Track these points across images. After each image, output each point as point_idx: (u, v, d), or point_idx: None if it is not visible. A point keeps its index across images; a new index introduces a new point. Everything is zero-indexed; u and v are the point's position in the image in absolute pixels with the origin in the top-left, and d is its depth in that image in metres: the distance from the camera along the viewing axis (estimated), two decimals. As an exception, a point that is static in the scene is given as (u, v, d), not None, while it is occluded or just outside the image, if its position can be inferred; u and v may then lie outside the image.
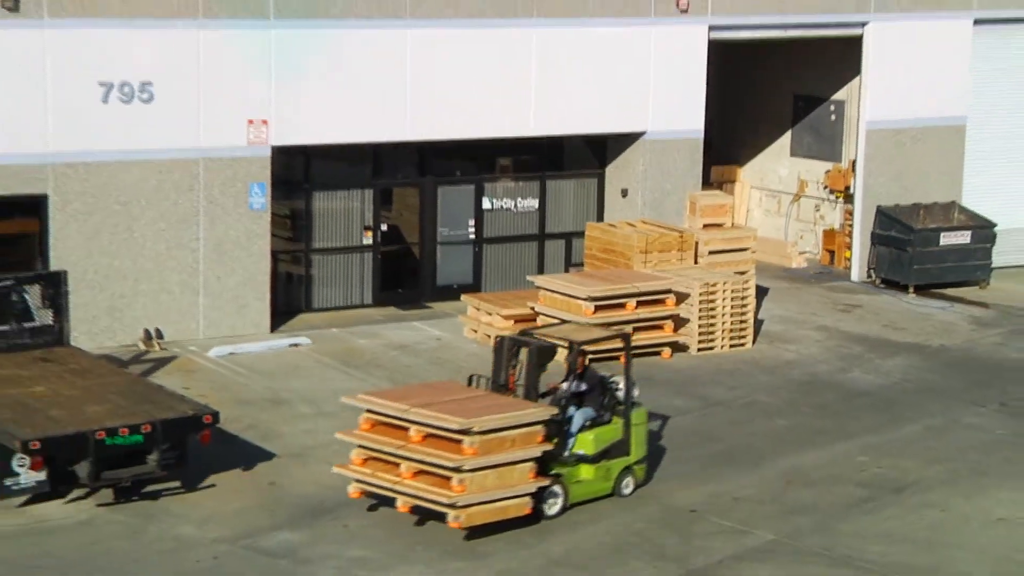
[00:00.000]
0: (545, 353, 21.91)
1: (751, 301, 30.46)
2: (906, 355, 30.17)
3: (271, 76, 29.81)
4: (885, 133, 35.38)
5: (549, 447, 21.27)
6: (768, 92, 37.58)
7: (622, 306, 29.02)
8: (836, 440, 25.29)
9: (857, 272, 35.70)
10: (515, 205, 34.01)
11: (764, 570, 20.18)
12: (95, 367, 24.76)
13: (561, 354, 23.02)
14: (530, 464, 21.08)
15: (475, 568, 20.13)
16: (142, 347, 28.77)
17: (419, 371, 28.37)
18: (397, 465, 20.82)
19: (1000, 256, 35.20)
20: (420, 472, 20.67)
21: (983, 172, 36.07)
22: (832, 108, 36.80)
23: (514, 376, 22.29)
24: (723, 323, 30.06)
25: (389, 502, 21.00)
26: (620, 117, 33.30)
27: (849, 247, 35.93)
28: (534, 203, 34.05)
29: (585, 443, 21.58)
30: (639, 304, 29.19)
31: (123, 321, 28.88)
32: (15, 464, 21.21)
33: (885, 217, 34.77)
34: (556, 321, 26.22)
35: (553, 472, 21.37)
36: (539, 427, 21.18)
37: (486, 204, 33.60)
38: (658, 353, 29.42)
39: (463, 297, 31.41)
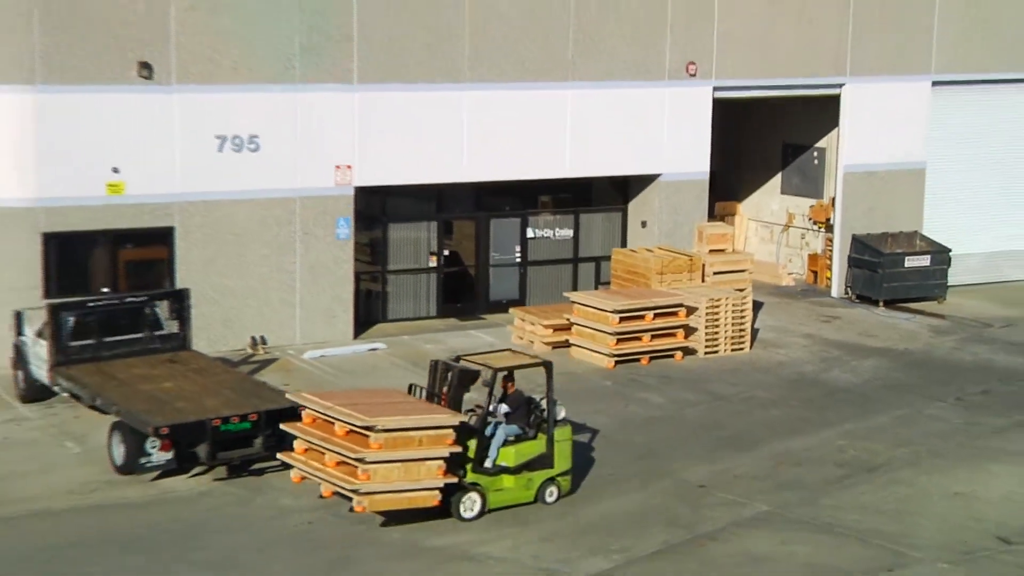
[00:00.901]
0: (467, 376, 20.86)
1: (748, 313, 30.40)
2: (877, 358, 30.12)
3: (354, 129, 29.90)
4: (859, 175, 35.33)
5: (458, 449, 20.20)
6: (762, 141, 37.54)
7: (642, 317, 28.96)
8: (819, 428, 25.26)
9: (836, 289, 35.60)
10: (553, 234, 33.90)
11: (759, 536, 20.19)
12: (212, 367, 24.96)
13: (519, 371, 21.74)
14: (439, 462, 20.13)
15: (523, 532, 20.22)
16: (249, 351, 28.92)
17: (475, 370, 28.41)
18: (323, 455, 20.36)
19: (954, 276, 35.01)
20: (341, 462, 20.05)
21: (940, 207, 35.89)
22: (815, 154, 36.74)
23: (446, 394, 21.36)
24: (725, 331, 29.98)
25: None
26: (640, 162, 33.28)
27: (829, 268, 35.81)
28: (569, 232, 33.96)
29: (507, 456, 20.62)
30: (656, 316, 29.13)
31: (234, 330, 29.02)
32: (148, 446, 21.46)
33: (859, 244, 34.72)
34: (494, 350, 23.77)
35: (471, 481, 20.50)
36: (449, 431, 20.16)
37: (530, 233, 33.54)
38: (672, 356, 29.36)
39: (511, 310, 31.41)
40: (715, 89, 33.66)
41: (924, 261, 34.62)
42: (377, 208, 31.47)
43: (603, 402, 26.54)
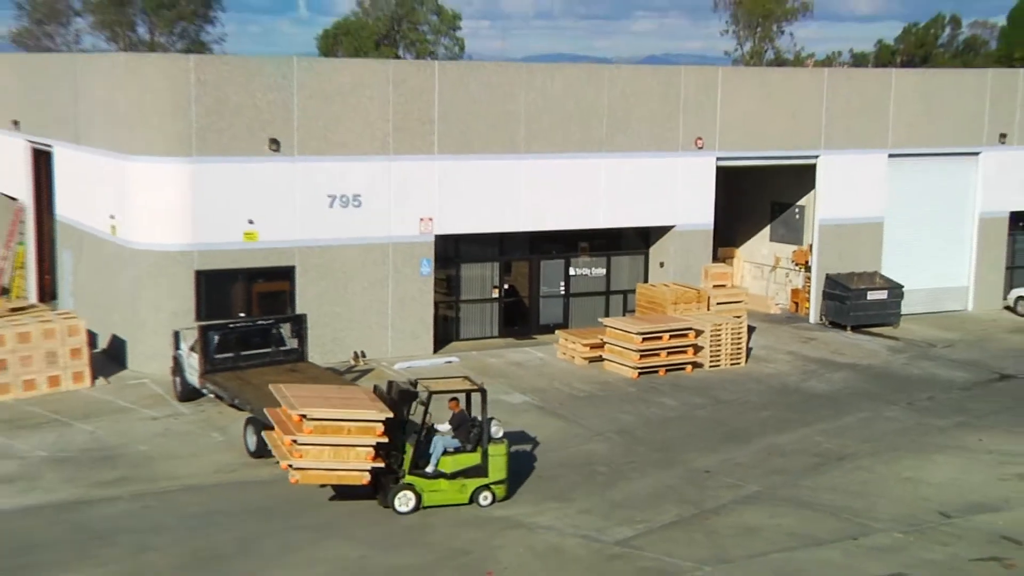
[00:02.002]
0: (406, 395, 20.22)
1: (744, 335, 30.36)
2: (846, 371, 30.01)
3: (435, 190, 30.06)
4: (831, 227, 35.22)
5: (384, 440, 19.67)
6: (754, 199, 37.51)
7: (660, 338, 28.94)
8: (800, 426, 25.26)
9: (813, 316, 35.47)
10: (590, 272, 33.76)
11: (753, 511, 20.33)
12: (323, 375, 25.10)
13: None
14: (368, 449, 19.68)
15: (565, 506, 20.34)
16: (352, 363, 29.04)
17: (527, 379, 28.40)
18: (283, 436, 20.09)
19: (906, 307, 34.82)
20: (292, 442, 19.75)
21: (894, 252, 35.66)
22: (796, 210, 36.62)
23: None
24: (726, 349, 29.92)
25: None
26: (658, 216, 33.25)
27: (808, 300, 35.65)
28: (602, 271, 33.84)
29: (446, 464, 19.91)
30: (671, 336, 29.10)
31: (341, 346, 29.17)
32: (275, 437, 21.82)
33: (831, 281, 34.65)
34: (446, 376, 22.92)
35: (407, 481, 19.87)
36: (378, 424, 19.65)
37: (571, 271, 33.46)
38: (683, 368, 29.32)
39: (557, 332, 31.40)
40: (718, 159, 33.62)
41: (882, 295, 34.55)
42: (452, 251, 31.54)
43: (629, 404, 26.67)
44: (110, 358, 28.84)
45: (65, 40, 72.33)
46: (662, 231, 33.85)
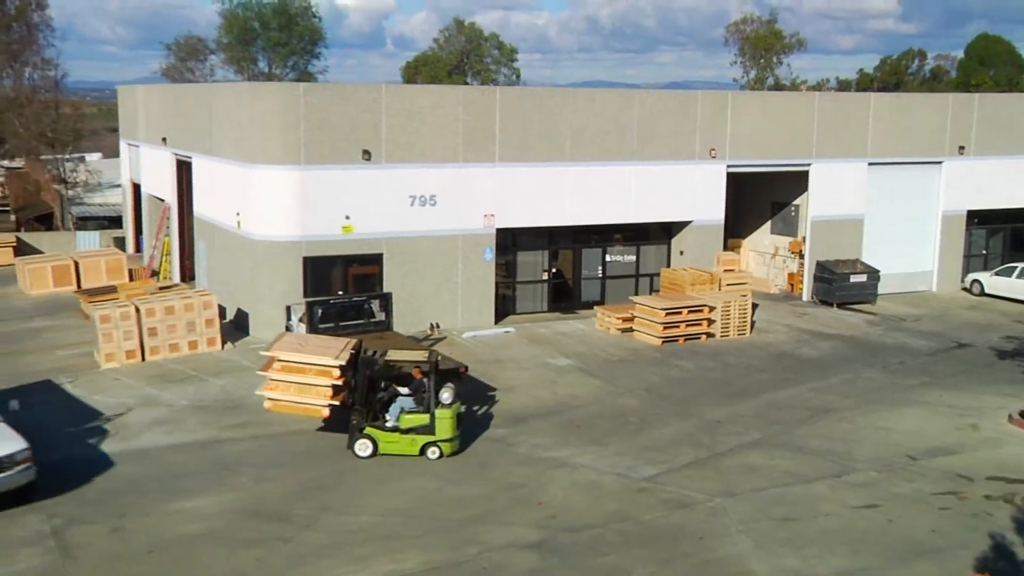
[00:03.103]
0: (367, 363, 19.68)
1: (748, 310, 30.08)
2: (832, 340, 29.60)
3: (497, 191, 29.96)
4: (821, 222, 34.70)
5: (339, 382, 19.59)
6: (757, 199, 37.12)
7: (680, 312, 28.74)
8: (794, 385, 24.98)
9: (806, 296, 35.02)
10: (623, 258, 33.53)
11: (755, 454, 20.17)
12: (405, 342, 24.96)
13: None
14: (328, 388, 19.63)
15: (602, 449, 20.27)
16: (429, 332, 29.01)
17: (571, 346, 28.23)
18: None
19: (882, 288, 34.35)
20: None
21: (872, 243, 35.24)
22: (792, 208, 36.24)
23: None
24: (734, 322, 29.69)
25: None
26: (679, 212, 32.92)
27: (801, 282, 35.33)
28: (632, 257, 33.59)
29: (403, 421, 19.53)
30: (689, 311, 28.91)
31: (419, 318, 29.12)
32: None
33: (821, 266, 34.20)
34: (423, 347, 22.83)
35: (367, 432, 19.53)
36: (335, 368, 19.64)
37: (607, 258, 33.25)
38: (699, 338, 29.02)
39: (595, 307, 31.24)
40: (728, 166, 33.25)
41: (862, 278, 34.03)
42: (510, 241, 31.43)
43: (654, 367, 26.49)
44: (236, 327, 29.08)
45: (202, 73, 72.92)
46: (681, 225, 33.54)
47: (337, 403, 19.93)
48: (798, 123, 34.31)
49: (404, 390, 20.09)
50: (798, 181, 35.11)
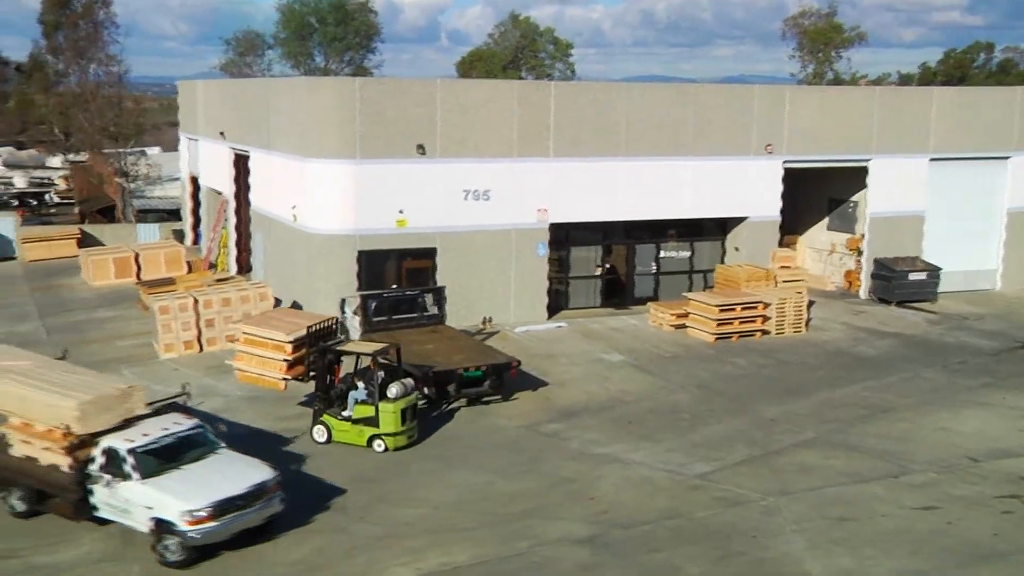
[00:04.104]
0: (323, 350, 20.23)
1: (804, 308, 29.72)
2: (890, 339, 29.15)
3: (550, 185, 29.86)
4: (880, 219, 34.11)
5: (289, 357, 20.48)
6: (814, 195, 36.56)
7: (734, 309, 28.51)
8: (850, 383, 24.65)
9: (863, 294, 34.45)
10: (676, 254, 33.24)
11: (810, 452, 19.96)
12: (458, 336, 25.21)
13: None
14: (281, 362, 20.62)
15: (654, 445, 20.19)
16: (481, 327, 29.02)
17: (624, 342, 28.12)
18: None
19: (942, 286, 33.71)
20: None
21: (933, 240, 34.61)
22: (850, 205, 35.66)
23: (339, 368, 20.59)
24: (789, 319, 29.34)
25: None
26: (734, 208, 32.60)
27: (859, 280, 34.76)
28: (687, 254, 33.29)
29: (355, 411, 19.42)
30: (743, 308, 28.69)
31: (472, 312, 29.13)
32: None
33: (879, 264, 33.65)
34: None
35: (323, 419, 19.84)
36: (288, 344, 20.67)
37: (661, 254, 33.00)
38: (753, 335, 28.76)
39: (649, 304, 31.07)
40: (784, 162, 32.85)
41: (923, 276, 33.43)
42: (563, 236, 31.30)
43: (707, 364, 26.29)
44: (291, 319, 29.32)
45: (260, 68, 73.72)
46: (737, 221, 33.19)
47: (290, 377, 20.75)
48: (857, 118, 33.76)
49: (359, 383, 20.13)
50: (857, 177, 34.54)
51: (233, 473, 15.87)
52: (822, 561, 15.49)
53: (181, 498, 15.11)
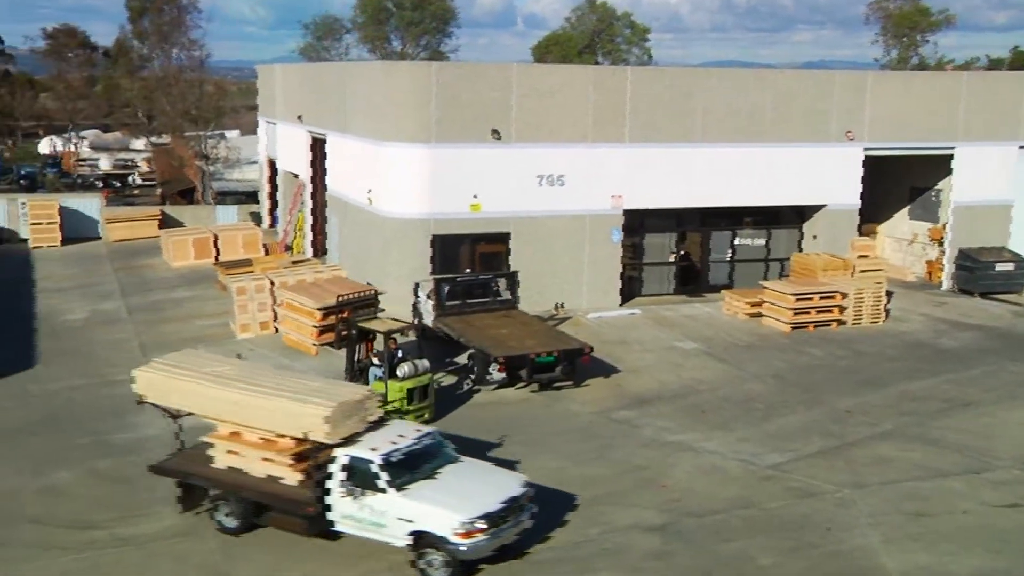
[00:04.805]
0: (348, 323, 21.08)
1: (883, 298, 29.18)
2: (973, 331, 28.44)
3: (625, 171, 29.72)
4: (964, 208, 33.28)
5: (320, 323, 22.75)
6: (895, 184, 35.83)
7: (810, 298, 28.12)
8: (929, 376, 24.17)
9: (946, 284, 33.69)
10: (752, 242, 32.91)
11: (886, 445, 19.67)
12: (531, 321, 25.26)
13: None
14: (312, 328, 22.88)
15: (727, 435, 20.07)
16: (554, 312, 29.01)
17: (697, 330, 27.94)
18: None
19: (1030, 278, 33.03)
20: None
21: (1021, 230, 33.74)
22: (933, 194, 34.91)
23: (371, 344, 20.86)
24: (867, 309, 28.86)
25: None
26: (812, 196, 32.14)
27: (941, 270, 34.04)
28: (763, 241, 32.94)
29: (374, 387, 19.29)
30: (820, 298, 28.27)
31: (545, 298, 29.12)
32: (491, 368, 22.01)
33: (963, 254, 32.85)
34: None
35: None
36: (317, 312, 23.01)
37: (736, 241, 32.69)
38: (830, 325, 28.30)
39: (723, 291, 30.80)
40: (865, 149, 32.25)
41: (1008, 267, 32.54)
42: (637, 222, 31.16)
43: (782, 353, 25.98)
44: (366, 302, 29.68)
45: (337, 52, 74.55)
46: (814, 209, 32.69)
47: (320, 343, 22.39)
48: (943, 104, 32.93)
49: (375, 359, 20.48)
50: (940, 165, 33.72)
51: (490, 482, 15.02)
52: (898, 557, 15.25)
53: (451, 509, 14.07)
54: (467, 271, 28.15)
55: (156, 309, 29.95)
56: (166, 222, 42.75)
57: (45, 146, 76.50)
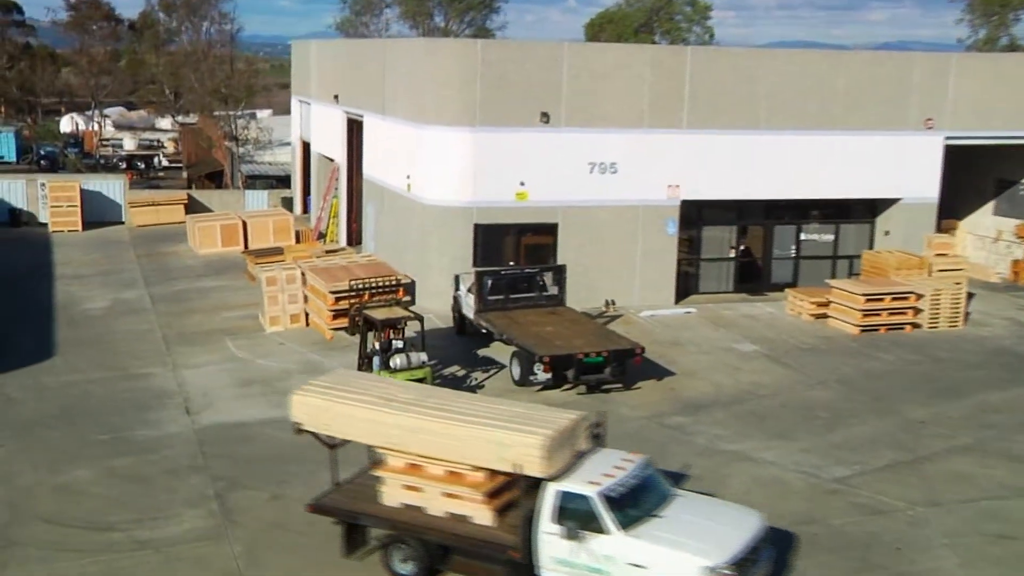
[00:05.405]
0: (358, 309, 21.85)
1: (963, 300, 28.79)
2: (1061, 338, 28.11)
3: (683, 159, 29.64)
4: (1054, 203, 32.99)
5: (332, 307, 24.72)
6: (979, 176, 35.34)
7: (882, 299, 27.85)
8: (1014, 386, 23.79)
9: (1032, 287, 33.43)
10: (819, 238, 32.64)
11: (965, 460, 19.44)
12: (579, 318, 25.22)
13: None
14: (327, 312, 25.08)
15: (788, 444, 19.93)
16: (604, 309, 29.01)
17: (757, 330, 27.78)
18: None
19: None
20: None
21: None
22: (1022, 187, 34.43)
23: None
24: (944, 312, 28.49)
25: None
26: (886, 189, 31.82)
27: (1028, 271, 33.70)
28: (830, 237, 32.63)
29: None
30: (893, 298, 27.98)
31: (594, 294, 29.04)
32: (536, 368, 22.04)
33: (1052, 254, 32.53)
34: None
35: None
36: (330, 296, 25.01)
37: (802, 236, 32.43)
38: (903, 328, 27.98)
39: (786, 290, 30.61)
40: (946, 138, 31.85)
41: (1103, 268, 32.04)
42: (694, 215, 31.04)
43: (850, 358, 25.74)
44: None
45: (377, 28, 74.99)
46: (888, 203, 32.33)
47: (334, 327, 23.95)
48: (1033, 89, 32.42)
49: (378, 347, 21.20)
50: (1028, 156, 33.24)
51: (727, 519, 14.03)
52: (975, 581, 15.05)
53: (694, 552, 12.99)
54: (511, 264, 28.25)
55: (181, 299, 30.33)
56: (192, 207, 43.30)
57: (66, 124, 77.75)
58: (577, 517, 13.36)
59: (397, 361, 20.76)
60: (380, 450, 14.88)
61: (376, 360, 21.03)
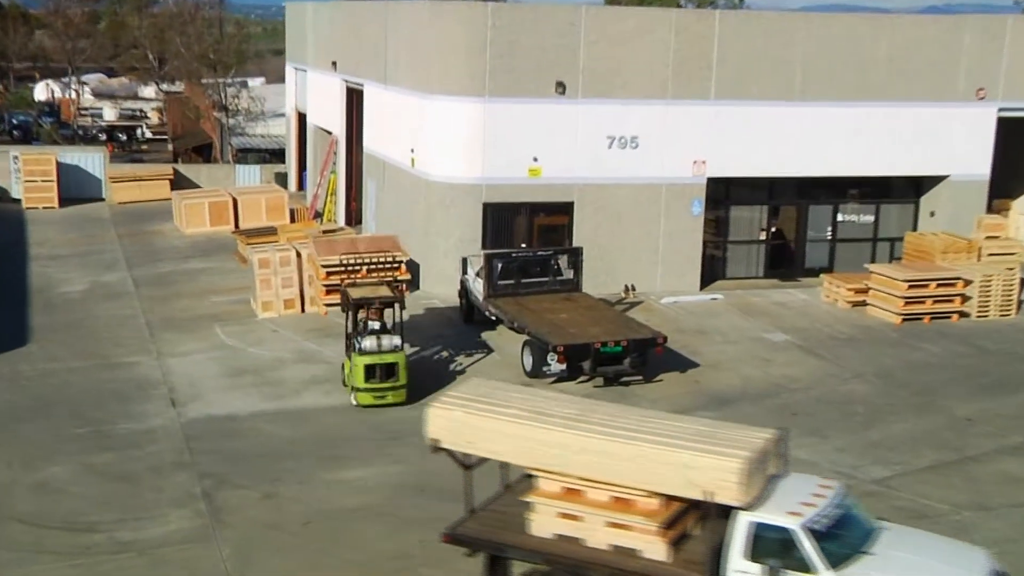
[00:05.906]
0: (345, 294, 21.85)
1: (1016, 287, 28.62)
2: (1122, 328, 27.93)
3: (709, 133, 29.56)
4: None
5: (325, 283, 25.92)
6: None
7: (926, 285, 27.75)
8: (1069, 381, 23.76)
9: (1088, 273, 33.24)
10: (858, 218, 32.54)
11: (1016, 461, 19.38)
12: (596, 305, 25.22)
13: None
14: (322, 288, 26.20)
15: (819, 443, 19.91)
16: (623, 295, 28.98)
17: (789, 319, 27.75)
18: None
19: None
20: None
21: None
22: (1081, 164, 34.40)
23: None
24: (995, 300, 28.34)
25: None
26: (932, 165, 31.69)
27: (1088, 256, 33.47)
28: (870, 218, 32.49)
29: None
30: (938, 285, 27.86)
31: (613, 278, 29.05)
32: (549, 358, 22.04)
33: (1114, 237, 32.32)
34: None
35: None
36: (322, 269, 26.24)
37: (839, 217, 32.31)
38: (949, 317, 27.85)
39: (822, 275, 30.54)
40: (1000, 109, 31.71)
41: None
42: (722, 193, 30.95)
43: (890, 349, 25.69)
44: (405, 279, 29.90)
45: (377, -11, 74.77)
46: (934, 180, 32.22)
47: (327, 302, 25.57)
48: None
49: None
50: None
51: (950, 558, 12.96)
52: (1025, 592, 15.03)
53: None
54: (523, 246, 28.25)
55: (166, 282, 30.42)
56: (178, 182, 43.38)
57: (41, 92, 77.79)
58: (775, 553, 12.41)
59: (366, 344, 20.97)
60: (532, 472, 13.87)
61: (356, 341, 21.30)
